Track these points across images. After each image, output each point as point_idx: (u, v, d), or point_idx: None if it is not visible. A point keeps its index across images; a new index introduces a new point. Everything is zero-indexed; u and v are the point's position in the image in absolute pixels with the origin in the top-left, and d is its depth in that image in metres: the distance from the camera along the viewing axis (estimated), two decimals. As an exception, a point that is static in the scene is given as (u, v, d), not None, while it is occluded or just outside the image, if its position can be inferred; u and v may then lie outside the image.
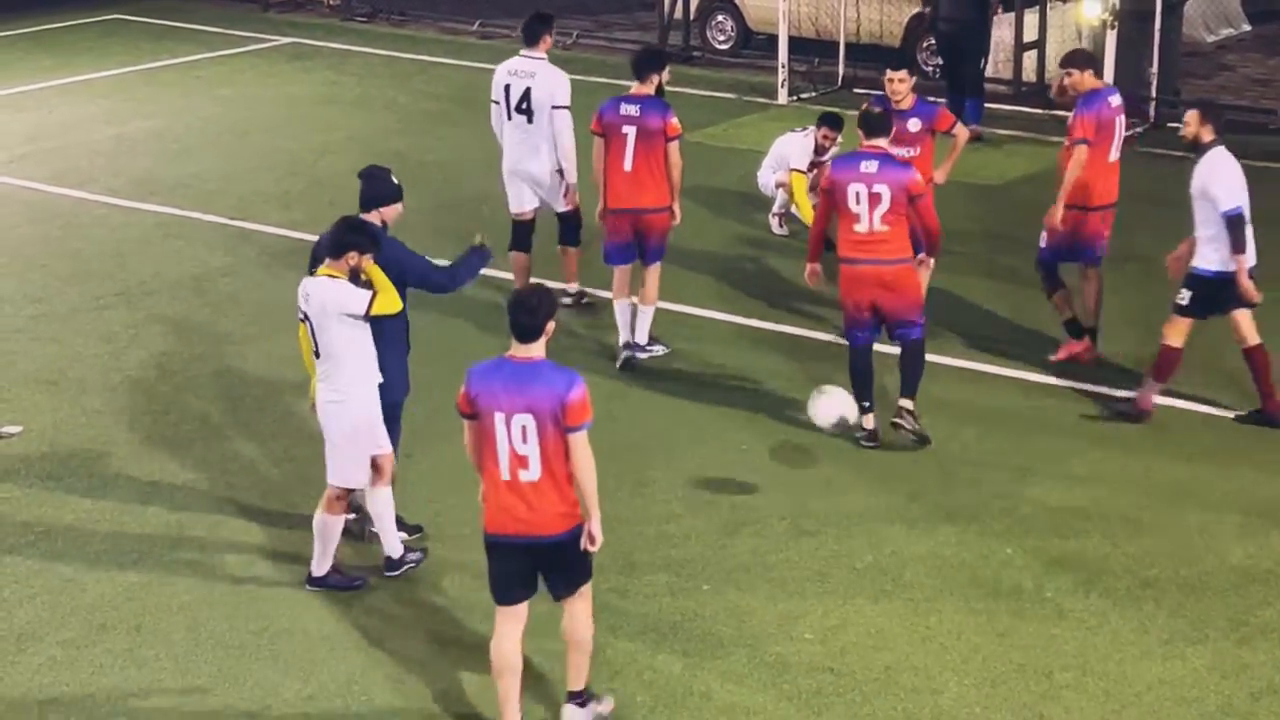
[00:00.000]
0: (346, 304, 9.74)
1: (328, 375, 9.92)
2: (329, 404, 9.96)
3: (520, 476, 8.45)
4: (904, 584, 10.26)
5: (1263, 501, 11.18)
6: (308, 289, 9.87)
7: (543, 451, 8.40)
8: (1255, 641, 9.64)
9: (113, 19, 26.25)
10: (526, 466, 8.43)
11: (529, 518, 8.51)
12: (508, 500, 8.52)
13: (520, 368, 8.45)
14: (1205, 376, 12.97)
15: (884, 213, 11.62)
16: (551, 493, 8.49)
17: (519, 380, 8.41)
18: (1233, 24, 24.47)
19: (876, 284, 11.79)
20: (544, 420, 8.36)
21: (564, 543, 8.58)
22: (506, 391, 8.39)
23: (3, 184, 18.02)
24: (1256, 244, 12.29)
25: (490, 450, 8.49)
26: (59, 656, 9.60)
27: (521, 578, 8.73)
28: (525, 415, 8.35)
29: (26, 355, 13.64)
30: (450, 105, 21.15)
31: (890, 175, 11.67)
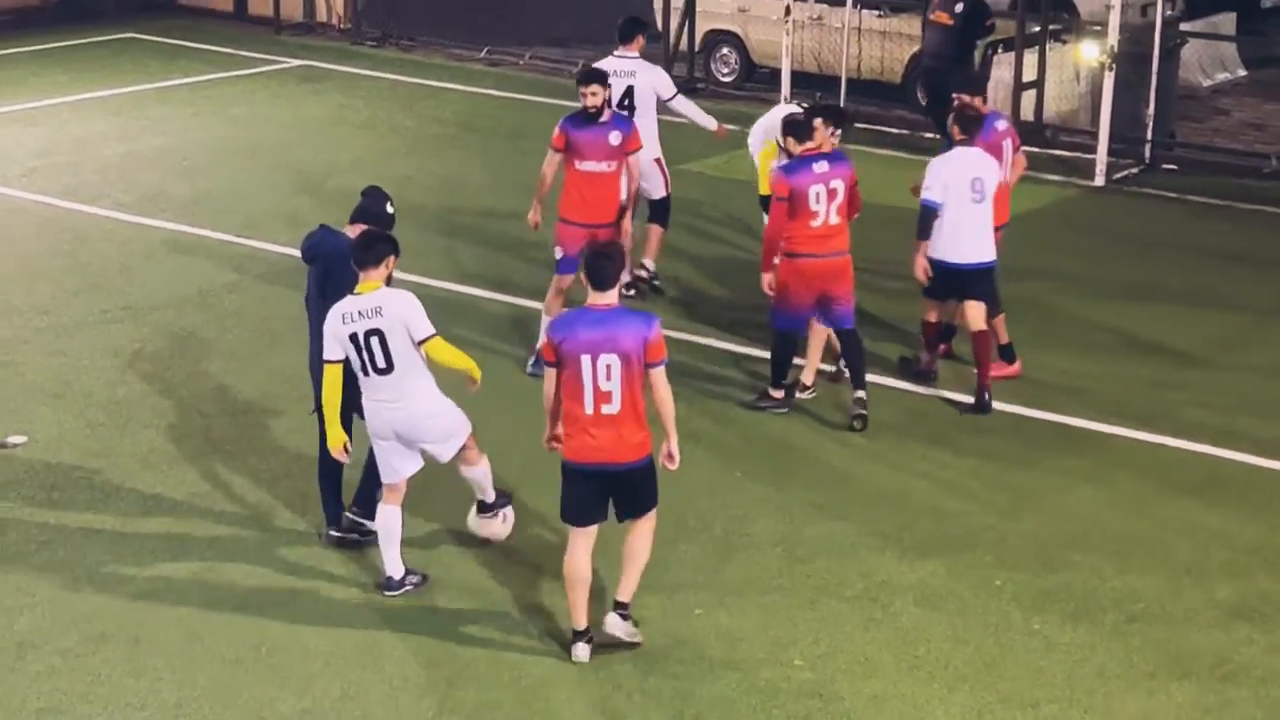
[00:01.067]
0: (421, 324, 9.97)
1: (396, 385, 9.98)
2: (418, 408, 10.07)
3: (603, 410, 9.35)
4: (893, 613, 10.25)
5: (1249, 541, 11.18)
6: (376, 303, 9.89)
7: (624, 387, 9.30)
8: (1239, 678, 9.63)
9: (127, 38, 26.29)
10: (609, 401, 9.33)
11: (608, 447, 9.40)
12: (590, 432, 9.41)
13: (602, 314, 9.38)
14: (1196, 413, 12.98)
15: (839, 205, 12.43)
16: (629, 424, 9.39)
17: (603, 324, 9.33)
18: (1229, 69, 24.53)
19: (830, 275, 12.52)
20: (627, 358, 9.28)
21: (636, 470, 9.50)
22: (590, 335, 9.29)
23: (15, 197, 18.04)
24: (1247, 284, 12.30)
25: (574, 389, 9.37)
26: (58, 665, 9.58)
27: (596, 502, 9.59)
28: (610, 355, 9.27)
29: (33, 366, 13.64)
30: (455, 129, 21.19)
31: (840, 169, 12.53)
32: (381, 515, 10.32)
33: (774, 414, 12.92)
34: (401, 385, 10.01)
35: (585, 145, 13.22)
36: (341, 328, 9.94)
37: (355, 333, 9.91)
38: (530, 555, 10.83)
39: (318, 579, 10.50)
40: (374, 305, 9.91)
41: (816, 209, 12.37)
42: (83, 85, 23.19)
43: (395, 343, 9.92)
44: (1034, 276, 16.11)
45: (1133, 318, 15.10)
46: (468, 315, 14.61)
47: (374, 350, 9.93)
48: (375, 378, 10.00)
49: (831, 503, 11.62)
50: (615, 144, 13.24)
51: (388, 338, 9.91)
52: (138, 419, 12.71)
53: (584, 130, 13.23)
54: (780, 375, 12.94)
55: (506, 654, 9.74)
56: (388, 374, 9.97)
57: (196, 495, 11.56)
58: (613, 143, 13.23)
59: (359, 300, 9.95)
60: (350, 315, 9.93)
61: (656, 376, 9.40)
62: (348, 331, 9.92)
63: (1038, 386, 13.51)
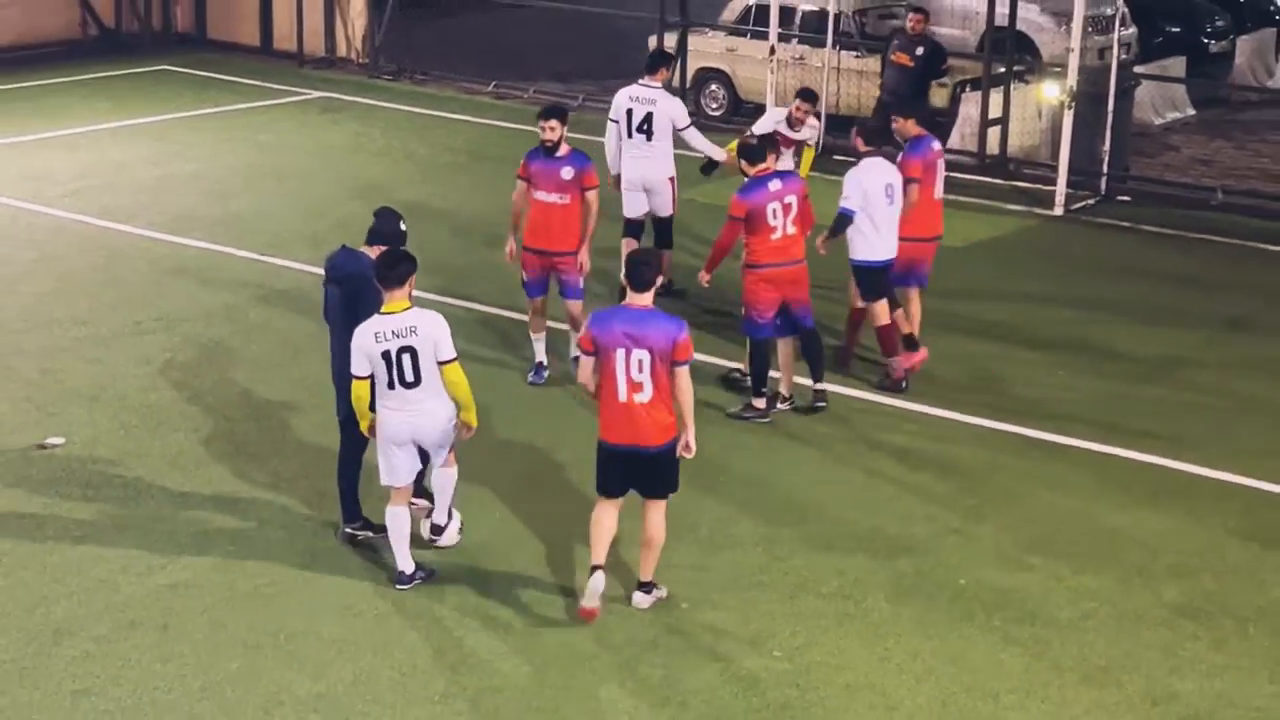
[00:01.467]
0: (448, 346, 9.97)
1: (420, 395, 9.96)
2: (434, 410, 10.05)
3: (635, 399, 9.75)
4: (865, 609, 10.23)
5: (1194, 545, 11.17)
6: (410, 322, 9.85)
7: (654, 380, 9.68)
8: (1184, 671, 9.62)
9: (162, 70, 26.24)
10: (641, 390, 9.74)
11: (638, 432, 9.80)
12: (622, 417, 9.82)
13: (637, 313, 9.79)
14: (1148, 426, 12.98)
15: (794, 217, 12.62)
16: (657, 413, 9.79)
17: (637, 323, 9.73)
18: (1179, 109, 24.54)
19: (790, 282, 12.72)
20: (657, 355, 9.67)
21: (661, 453, 9.88)
22: (625, 332, 9.68)
23: (56, 216, 18.00)
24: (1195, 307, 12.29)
25: (609, 378, 9.77)
26: (91, 650, 9.55)
27: (624, 477, 9.99)
28: (643, 351, 9.67)
29: (71, 373, 13.60)
30: (465, 158, 21.17)
31: (793, 185, 12.79)
32: (390, 516, 10.29)
33: (757, 423, 12.91)
34: (423, 395, 9.99)
35: (539, 176, 13.07)
36: (374, 346, 9.85)
37: (389, 350, 9.83)
38: (529, 553, 10.81)
39: (333, 572, 10.48)
40: (409, 324, 9.86)
41: (774, 224, 12.57)
42: (121, 113, 23.16)
43: (425, 360, 9.89)
44: (997, 298, 16.14)
45: (1089, 337, 15.10)
46: (475, 329, 14.60)
47: (404, 366, 9.88)
48: (401, 390, 9.95)
49: (808, 506, 11.60)
50: (568, 178, 12.97)
51: (419, 355, 9.87)
52: (168, 422, 12.68)
53: (540, 162, 13.08)
54: (760, 384, 12.96)
55: (507, 644, 9.72)
56: (415, 387, 9.92)
57: (221, 493, 11.53)
58: (565, 176, 12.97)
59: (391, 319, 9.88)
60: (384, 334, 9.85)
61: (680, 373, 9.77)
62: (380, 350, 9.84)
63: (1001, 399, 13.51)
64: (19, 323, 14.73)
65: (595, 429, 9.79)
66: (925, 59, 19.23)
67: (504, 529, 11.11)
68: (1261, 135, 23.45)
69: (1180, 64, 24.68)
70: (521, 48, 27.13)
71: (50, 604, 10.03)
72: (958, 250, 17.74)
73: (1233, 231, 18.66)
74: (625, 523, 10.17)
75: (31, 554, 10.64)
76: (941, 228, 14.09)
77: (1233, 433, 13.02)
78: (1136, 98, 21.63)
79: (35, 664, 9.40)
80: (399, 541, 10.28)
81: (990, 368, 14.22)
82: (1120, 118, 20.05)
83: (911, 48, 19.23)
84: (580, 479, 11.84)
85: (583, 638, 9.80)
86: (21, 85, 24.68)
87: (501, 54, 26.85)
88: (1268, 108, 25.12)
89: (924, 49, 19.26)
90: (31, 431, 12.44)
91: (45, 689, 9.17)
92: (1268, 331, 15.44)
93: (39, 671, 9.34)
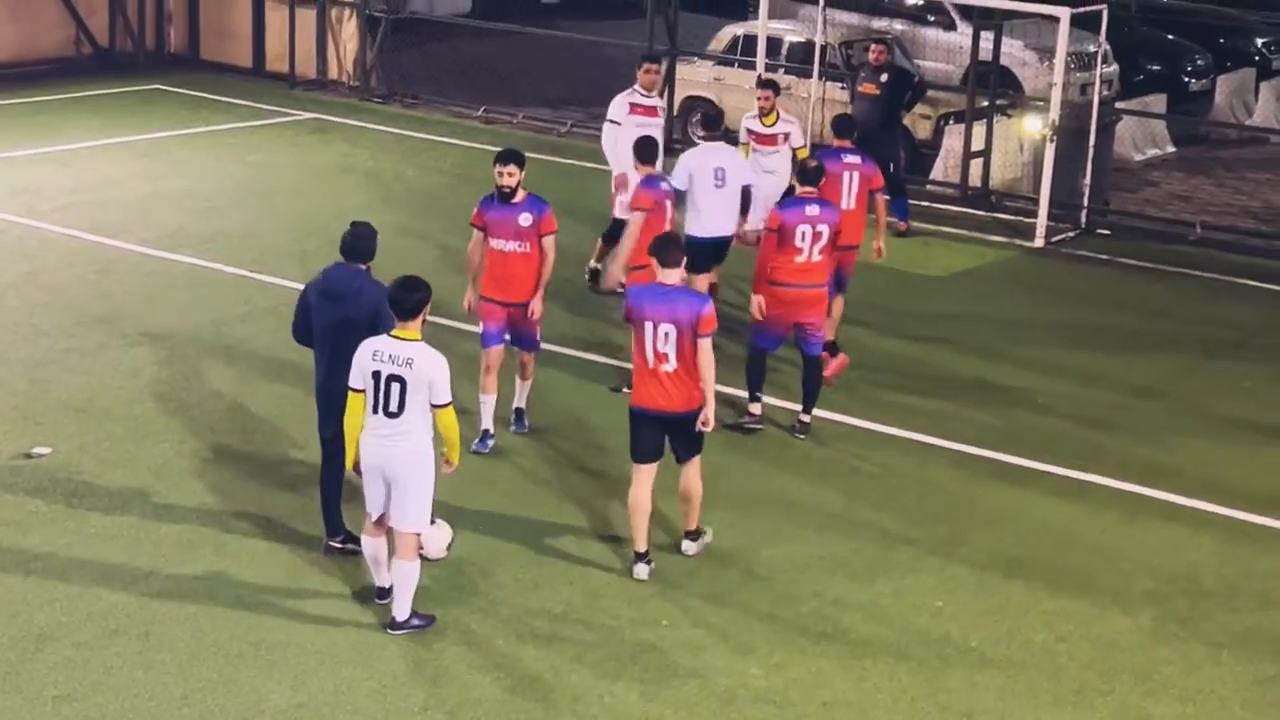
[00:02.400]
0: (444, 390, 9.68)
1: (406, 433, 9.67)
2: (413, 454, 9.70)
3: (661, 368, 10.44)
4: (844, 628, 10.22)
5: (1169, 571, 11.18)
6: (409, 354, 9.61)
7: (679, 351, 10.36)
8: (1158, 695, 9.63)
9: (155, 89, 26.20)
10: (666, 361, 10.43)
11: (664, 398, 10.48)
12: (651, 384, 10.52)
13: (667, 290, 10.51)
14: (1125, 454, 13.01)
15: (822, 246, 12.85)
16: (683, 381, 10.45)
17: (667, 299, 10.45)
18: (1159, 145, 24.65)
19: (804, 304, 12.91)
20: (682, 328, 10.35)
21: (688, 418, 10.54)
22: (655, 306, 10.42)
23: (47, 231, 17.96)
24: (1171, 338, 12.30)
25: (640, 348, 10.49)
26: (73, 657, 9.51)
27: (655, 442, 10.64)
28: (669, 324, 10.36)
29: (59, 384, 13.56)
30: (453, 180, 21.17)
31: (829, 217, 12.93)
32: (365, 543, 10.07)
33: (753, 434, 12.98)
34: (401, 427, 9.69)
35: (495, 224, 12.23)
36: (369, 363, 9.68)
37: (379, 372, 9.64)
38: (510, 569, 10.80)
39: (315, 583, 10.44)
40: (407, 356, 9.61)
41: (801, 246, 12.76)
42: (113, 131, 23.13)
43: (413, 394, 9.64)
44: (977, 327, 16.17)
45: (1067, 366, 15.14)
46: (460, 348, 14.56)
47: (391, 394, 9.64)
48: (382, 417, 9.72)
49: (788, 527, 11.60)
50: (525, 225, 12.12)
51: (408, 389, 9.62)
52: (153, 434, 12.64)
53: (496, 210, 12.22)
54: (754, 390, 13.22)
55: (487, 658, 9.70)
56: (395, 417, 9.68)
57: (205, 504, 11.50)
58: (523, 224, 12.12)
59: (393, 344, 9.67)
60: (381, 355, 9.66)
61: (703, 345, 10.39)
62: (373, 368, 9.65)
63: (978, 426, 13.52)
64: (8, 334, 14.69)
65: (579, 448, 9.80)
66: (891, 84, 19.28)
67: (485, 545, 11.08)
68: (1240, 173, 23.56)
69: (1161, 101, 24.81)
70: (511, 73, 27.18)
71: (33, 610, 9.98)
72: (940, 279, 17.82)
73: (1209, 266, 18.74)
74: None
75: (15, 561, 10.59)
76: (856, 238, 14.38)
77: (1208, 462, 13.05)
78: (1117, 134, 21.74)
79: (18, 669, 9.35)
80: (376, 566, 10.07)
81: (970, 394, 14.25)
82: (1101, 153, 20.13)
83: (876, 76, 19.29)
84: (563, 497, 11.85)
85: (561, 653, 9.77)
86: (16, 102, 24.64)
87: (491, 79, 26.89)
88: (1246, 146, 25.26)
89: (888, 75, 19.32)
90: (18, 441, 12.40)
91: (27, 694, 9.13)
92: (1242, 363, 15.50)
93: (21, 677, 9.29)
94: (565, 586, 10.55)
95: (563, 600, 10.38)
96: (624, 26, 28.14)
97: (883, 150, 19.45)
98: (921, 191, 21.19)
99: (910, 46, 24.13)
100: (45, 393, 13.37)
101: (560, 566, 10.82)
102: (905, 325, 16.06)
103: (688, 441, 10.71)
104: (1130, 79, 25.60)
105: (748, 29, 23.58)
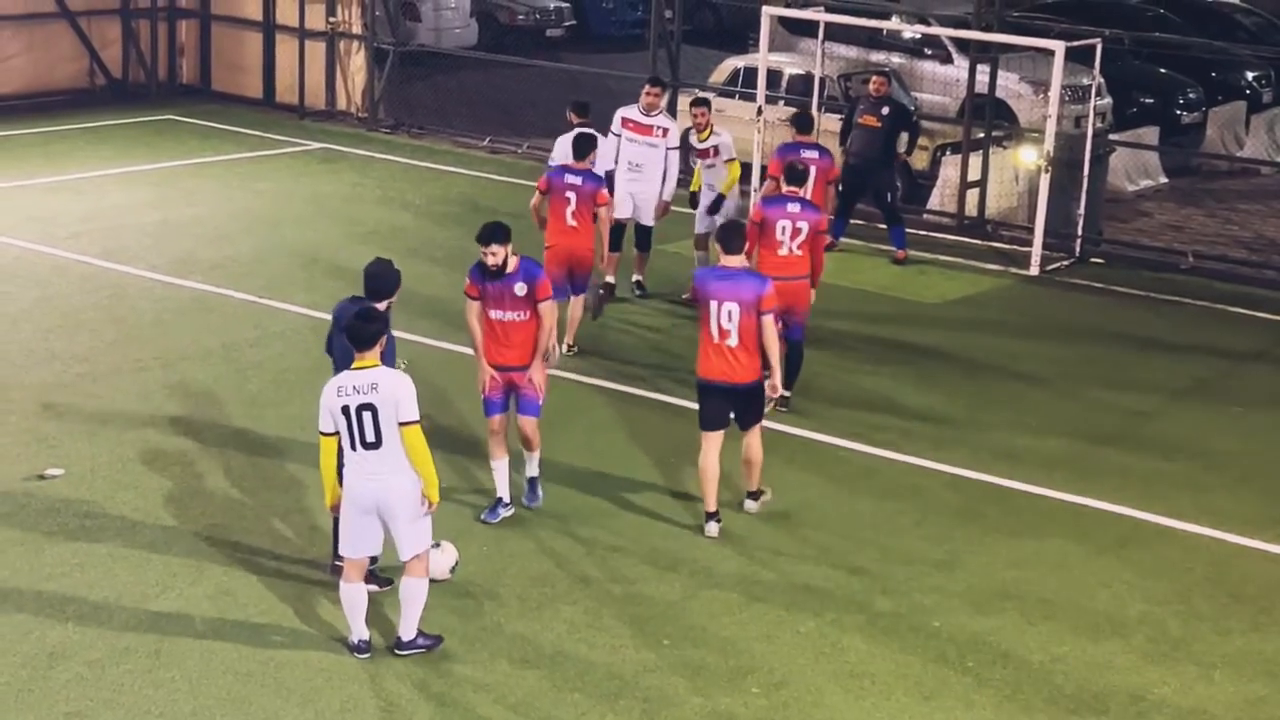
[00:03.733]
0: (410, 407, 9.57)
1: (382, 459, 9.55)
2: (402, 488, 9.60)
3: (725, 343, 11.43)
4: (842, 648, 10.22)
5: (1161, 592, 11.18)
6: (372, 379, 9.53)
7: (741, 328, 11.36)
8: (1151, 715, 9.62)
9: (167, 119, 26.26)
10: (729, 336, 11.41)
11: (729, 371, 11.45)
12: (715, 358, 11.48)
13: (729, 272, 11.52)
14: (1119, 478, 13.01)
15: (800, 242, 13.64)
16: (745, 355, 11.43)
17: (729, 280, 11.46)
18: (1151, 176, 24.67)
19: (788, 295, 13.19)
20: (745, 307, 11.35)
21: (750, 389, 11.55)
22: (719, 287, 11.43)
23: (60, 257, 18.00)
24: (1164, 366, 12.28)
25: (706, 324, 11.44)
26: (85, 674, 9.51)
27: (721, 412, 11.59)
28: (732, 303, 11.35)
29: (72, 407, 13.58)
30: (459, 209, 21.19)
31: (809, 216, 13.72)
32: (343, 591, 9.85)
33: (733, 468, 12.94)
34: (386, 460, 9.58)
35: (492, 297, 11.71)
36: (335, 400, 9.59)
37: (348, 406, 9.53)
38: (514, 587, 10.80)
39: (323, 603, 10.44)
40: (370, 382, 9.56)
41: (781, 239, 13.61)
42: (126, 160, 23.18)
43: (385, 420, 9.53)
44: (973, 353, 16.18)
45: (1061, 392, 15.15)
46: (467, 373, 14.57)
47: (365, 424, 9.53)
48: (363, 452, 9.56)
49: (788, 548, 11.60)
50: (521, 295, 11.62)
51: (380, 414, 9.52)
52: (164, 456, 12.66)
53: (490, 283, 11.69)
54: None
55: (491, 676, 9.70)
56: (376, 448, 9.56)
57: (215, 525, 11.50)
58: (519, 293, 11.62)
59: (355, 376, 9.61)
60: (345, 389, 9.59)
61: (765, 321, 11.41)
62: (340, 404, 9.56)
63: (975, 450, 13.52)
64: (22, 358, 14.71)
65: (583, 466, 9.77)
66: (891, 118, 19.33)
67: (489, 565, 11.09)
68: (1231, 204, 23.57)
69: (1154, 133, 24.83)
70: (516, 104, 27.22)
71: (45, 629, 9.99)
72: (936, 307, 17.83)
73: (1201, 294, 18.75)
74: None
75: (28, 580, 10.60)
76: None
77: (1201, 486, 13.05)
78: (1111, 165, 21.75)
79: (30, 687, 9.35)
80: (354, 614, 9.86)
81: (966, 419, 14.25)
82: (1095, 183, 20.15)
83: (877, 109, 19.33)
84: (565, 515, 11.84)
85: (565, 672, 9.77)
86: (31, 132, 24.70)
87: (496, 110, 26.95)
88: (1237, 177, 25.27)
89: (889, 109, 19.36)
90: (31, 462, 12.41)
91: (39, 712, 9.13)
92: (1234, 389, 15.50)
93: (34, 694, 9.29)
94: (568, 606, 10.55)
95: (565, 620, 10.38)
96: (627, 58, 28.20)
97: (880, 180, 19.53)
98: (919, 221, 21.23)
99: (908, 79, 24.16)
100: (58, 415, 13.39)
101: (563, 587, 10.81)
102: (902, 352, 16.07)
103: (752, 409, 11.68)
104: (1123, 111, 25.62)
105: (748, 61, 23.62)
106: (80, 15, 27.30)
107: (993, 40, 21.13)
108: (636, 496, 12.24)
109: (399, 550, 9.78)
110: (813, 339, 14.52)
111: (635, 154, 16.77)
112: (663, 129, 16.83)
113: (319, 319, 15.91)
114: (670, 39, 24.07)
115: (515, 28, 33.79)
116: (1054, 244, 19.81)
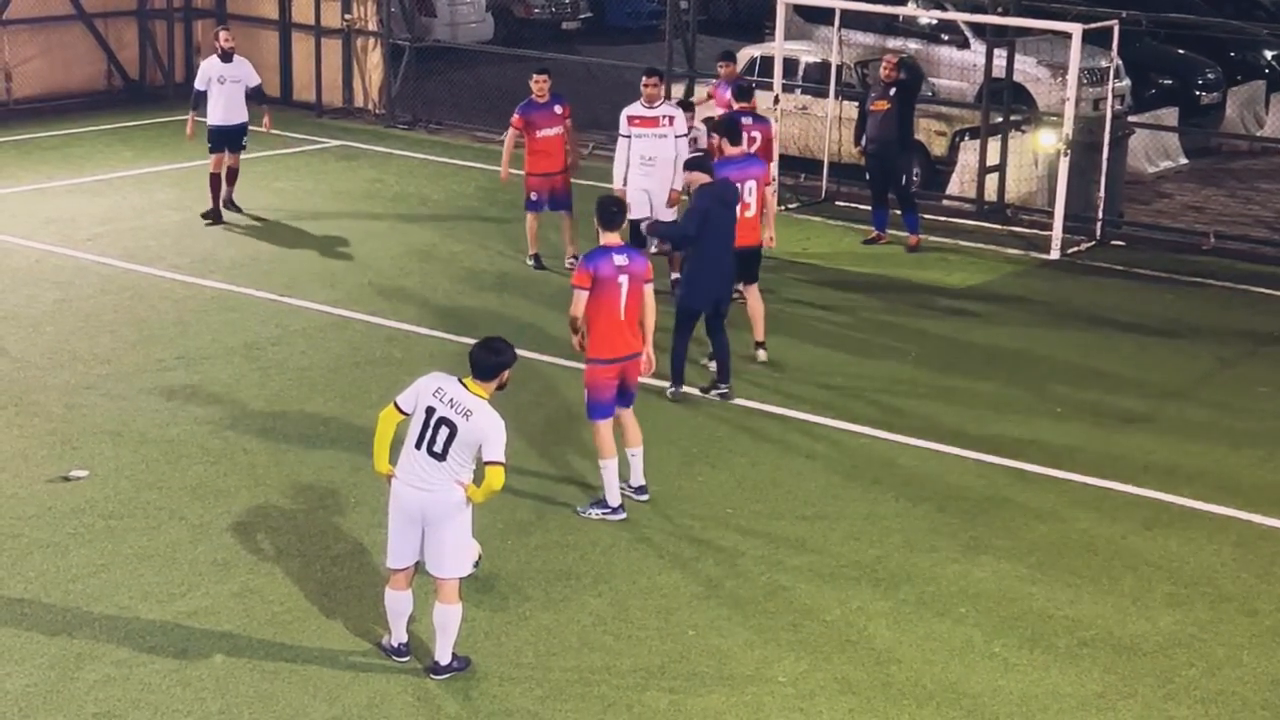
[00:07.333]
0: (499, 449, 9.28)
1: (438, 470, 9.33)
2: (449, 501, 9.38)
3: (745, 214, 14.20)
4: (867, 635, 10.21)
5: (1189, 574, 11.15)
6: (471, 406, 9.27)
7: (758, 198, 14.37)
8: (1180, 698, 9.59)
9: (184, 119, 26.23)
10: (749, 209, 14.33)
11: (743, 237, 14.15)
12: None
13: (741, 161, 14.05)
14: (1144, 460, 12.97)
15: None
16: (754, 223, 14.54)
17: (741, 167, 14.05)
18: (1172, 158, 24.60)
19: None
20: (759, 184, 14.42)
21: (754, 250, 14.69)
22: (738, 171, 14.04)
23: (81, 259, 18.05)
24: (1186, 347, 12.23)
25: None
26: (113, 674, 9.53)
27: None
28: (751, 181, 13.88)
29: (95, 409, 13.61)
30: (477, 203, 21.22)
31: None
32: (389, 599, 9.73)
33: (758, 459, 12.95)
34: (441, 473, 9.33)
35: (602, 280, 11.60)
36: (429, 395, 9.38)
37: (434, 409, 9.33)
38: (536, 582, 10.80)
39: (348, 600, 10.45)
40: (468, 407, 9.29)
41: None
42: (145, 161, 23.24)
43: (459, 446, 9.32)
44: (995, 338, 16.14)
45: (1084, 375, 15.10)
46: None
47: (438, 436, 9.32)
48: (424, 455, 9.33)
49: (812, 537, 11.58)
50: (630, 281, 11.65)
51: (457, 438, 9.29)
52: (188, 455, 12.68)
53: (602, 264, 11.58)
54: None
55: (518, 669, 9.70)
56: (436, 460, 9.34)
57: (239, 524, 11.52)
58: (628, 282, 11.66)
59: (460, 391, 9.33)
60: (443, 395, 9.31)
61: (766, 194, 14.73)
62: (429, 404, 9.36)
63: (999, 435, 13.49)
64: (45, 360, 14.76)
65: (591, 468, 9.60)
66: (900, 96, 19.23)
67: (513, 559, 11.09)
68: (1252, 184, 23.50)
69: (1173, 114, 24.78)
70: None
71: (73, 629, 10.01)
72: (957, 292, 17.78)
73: (1223, 275, 18.70)
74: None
75: (55, 581, 10.63)
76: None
77: (1226, 467, 13.01)
78: (1130, 147, 21.69)
79: (58, 688, 9.38)
80: (396, 620, 9.76)
81: (989, 404, 14.22)
82: (1114, 166, 20.10)
83: (885, 92, 19.24)
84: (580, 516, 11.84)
85: (590, 664, 9.77)
86: (50, 134, 24.78)
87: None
88: (1258, 157, 25.20)
89: (895, 88, 19.26)
90: (56, 464, 12.44)
91: (68, 712, 9.15)
92: (1257, 369, 15.45)
93: (61, 695, 9.31)
94: (593, 598, 10.55)
95: (591, 611, 10.38)
96: (643, 50, 28.20)
97: (896, 164, 19.46)
98: (938, 206, 21.18)
99: (925, 65, 24.11)
100: (81, 417, 13.43)
101: (588, 579, 10.82)
102: (924, 338, 16.04)
103: (752, 268, 14.51)
104: (1142, 93, 25.55)
105: (765, 50, 23.59)
106: (96, 17, 27.37)
107: (1009, 24, 21.07)
108: (658, 488, 12.22)
109: (438, 565, 9.46)
110: (833, 326, 14.49)
111: (646, 148, 16.68)
112: (669, 117, 16.81)
113: (340, 317, 15.94)
114: (686, 29, 24.04)
115: (531, 21, 33.80)
116: (1074, 227, 19.76)
